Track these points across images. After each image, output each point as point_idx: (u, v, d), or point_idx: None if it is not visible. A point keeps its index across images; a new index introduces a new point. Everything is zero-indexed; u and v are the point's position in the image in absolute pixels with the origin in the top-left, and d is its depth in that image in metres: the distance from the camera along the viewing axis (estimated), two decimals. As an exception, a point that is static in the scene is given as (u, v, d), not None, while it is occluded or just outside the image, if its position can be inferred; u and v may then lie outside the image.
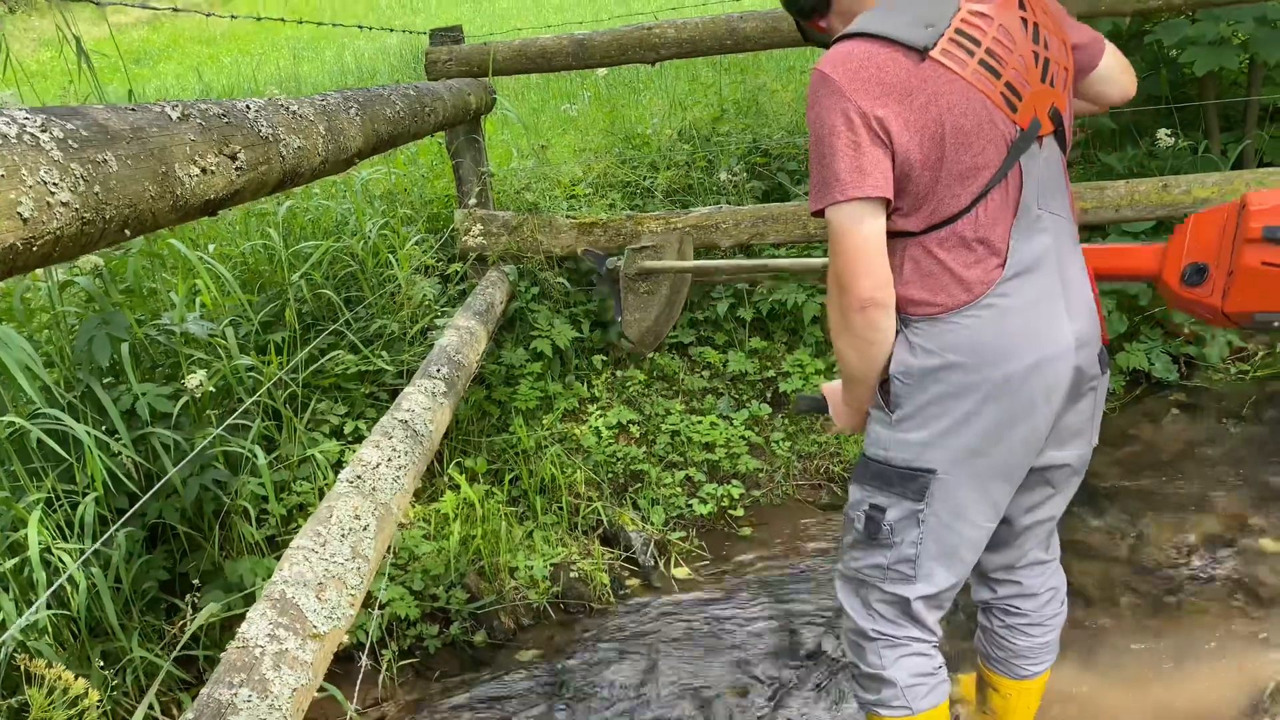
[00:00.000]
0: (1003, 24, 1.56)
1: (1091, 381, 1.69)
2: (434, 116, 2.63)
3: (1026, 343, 1.59)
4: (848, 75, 1.52)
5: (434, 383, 2.32)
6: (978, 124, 1.54)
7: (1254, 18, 3.68)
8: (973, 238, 1.58)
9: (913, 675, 1.80)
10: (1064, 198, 1.67)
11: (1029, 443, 1.64)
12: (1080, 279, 1.69)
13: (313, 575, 1.35)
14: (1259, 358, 3.86)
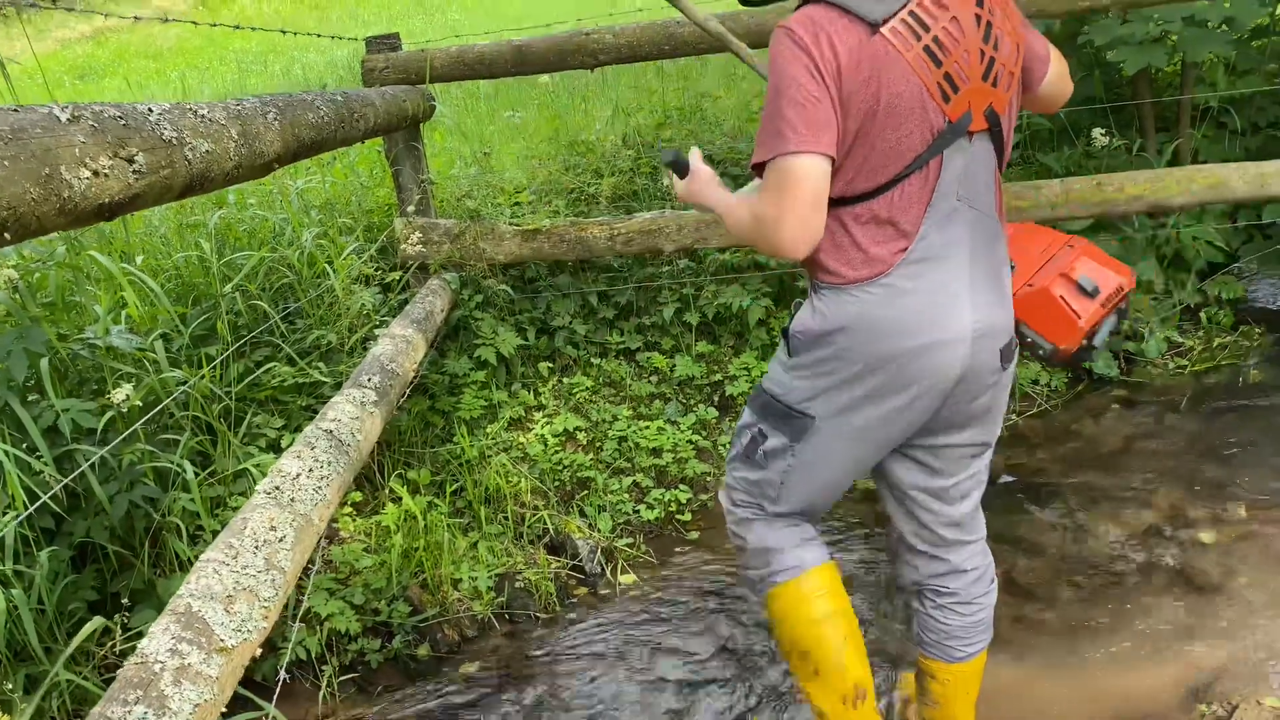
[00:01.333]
0: (956, 16, 1.60)
1: (993, 374, 1.75)
2: (364, 123, 2.60)
3: (919, 325, 1.66)
4: (810, 35, 1.56)
5: (363, 392, 2.28)
6: (909, 107, 1.59)
7: (1182, 18, 3.75)
8: (885, 217, 1.65)
9: (795, 538, 1.94)
10: (990, 195, 1.72)
11: (906, 418, 1.74)
12: (996, 275, 1.74)
13: (222, 588, 1.31)
14: (1196, 353, 3.92)
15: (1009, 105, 1.70)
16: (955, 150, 1.64)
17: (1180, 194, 3.27)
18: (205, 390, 2.57)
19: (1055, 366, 1.93)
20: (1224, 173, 3.26)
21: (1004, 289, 1.77)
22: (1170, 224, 3.90)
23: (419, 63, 3.41)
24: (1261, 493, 3.01)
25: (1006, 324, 1.76)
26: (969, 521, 1.97)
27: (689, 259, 3.94)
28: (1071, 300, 1.91)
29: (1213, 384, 3.73)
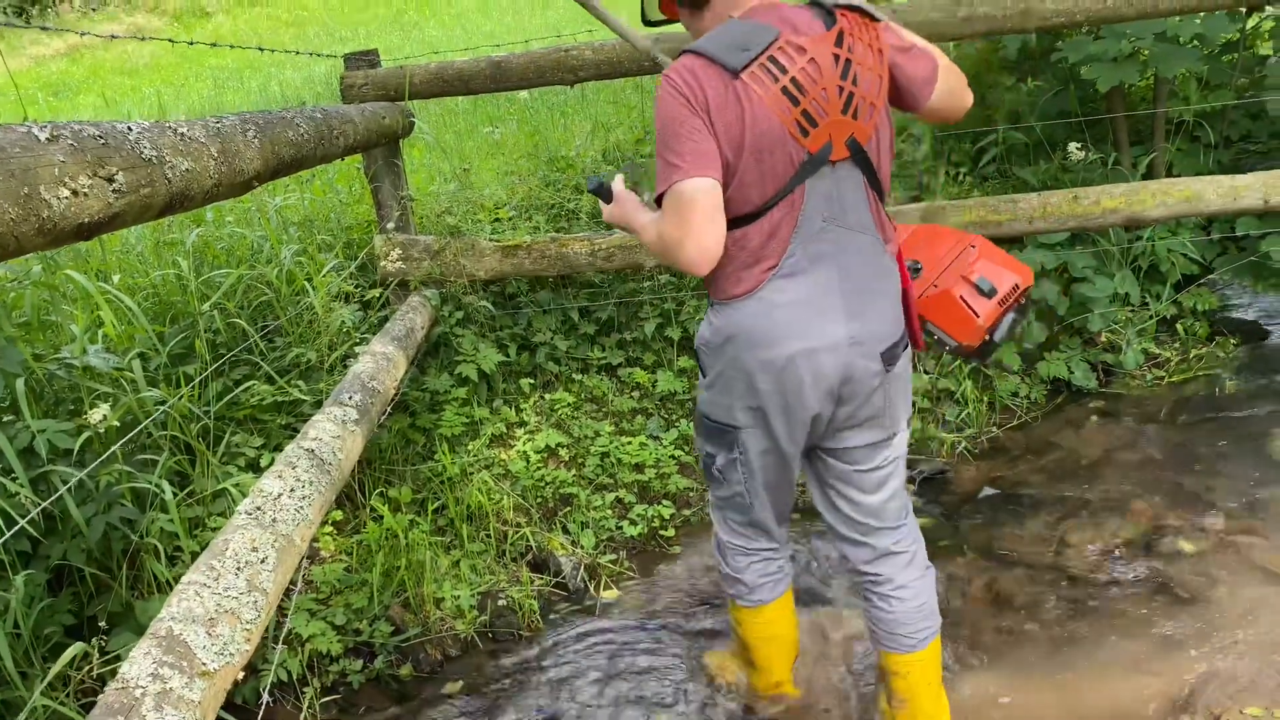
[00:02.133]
0: (815, 58, 1.79)
1: (876, 376, 1.93)
2: (343, 139, 2.59)
3: (790, 334, 1.87)
4: (689, 83, 1.77)
5: (345, 410, 2.27)
6: (772, 142, 1.79)
7: (1154, 34, 3.80)
8: (757, 239, 1.86)
9: (760, 576, 2.28)
10: (862, 214, 1.90)
11: (802, 416, 1.94)
12: (873, 286, 1.92)
13: (203, 610, 1.29)
14: (1173, 364, 3.96)
15: (873, 133, 1.86)
16: (819, 178, 1.84)
17: (1155, 207, 3.30)
18: (184, 410, 2.55)
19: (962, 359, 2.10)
20: (1198, 186, 3.30)
21: (883, 299, 1.94)
22: (1146, 236, 3.94)
23: (398, 79, 3.41)
24: (1239, 503, 3.03)
25: (885, 331, 1.93)
26: (890, 508, 2.13)
27: (670, 275, 3.94)
28: (971, 300, 2.05)
29: (1190, 395, 3.76)
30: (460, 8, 15.98)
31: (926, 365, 3.77)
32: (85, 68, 15.15)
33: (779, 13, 1.85)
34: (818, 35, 1.80)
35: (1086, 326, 3.89)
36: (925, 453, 3.53)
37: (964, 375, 3.69)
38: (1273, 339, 4.21)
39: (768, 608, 2.31)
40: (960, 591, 2.78)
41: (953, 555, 2.95)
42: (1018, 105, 4.38)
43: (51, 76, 14.47)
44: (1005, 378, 3.75)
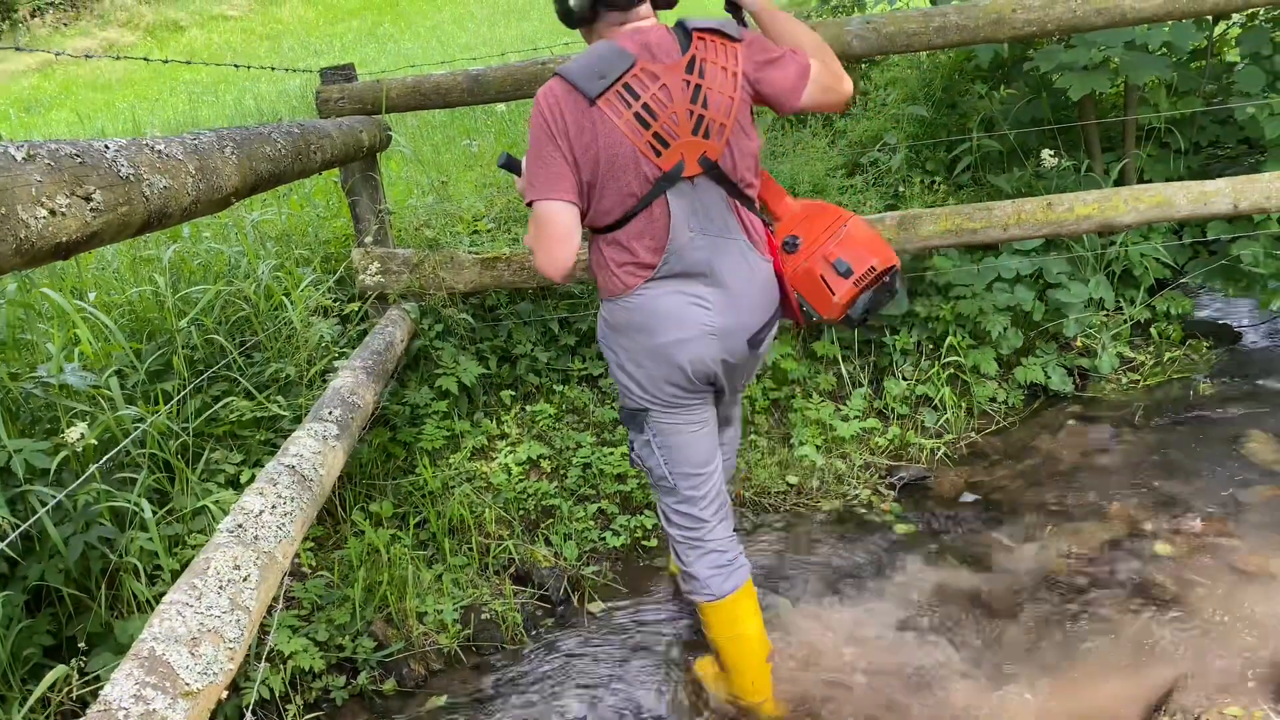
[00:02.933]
0: (666, 84, 2.01)
1: (743, 358, 2.25)
2: (321, 154, 2.59)
3: (667, 326, 2.15)
4: (550, 107, 2.02)
5: (325, 426, 2.26)
6: (625, 162, 2.02)
7: (1123, 42, 3.85)
8: (625, 245, 2.12)
9: (710, 569, 2.37)
10: (727, 222, 2.13)
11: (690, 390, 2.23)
12: (742, 286, 2.16)
13: (186, 630, 1.28)
14: (1147, 367, 4.00)
15: (724, 150, 2.07)
16: (677, 193, 2.07)
17: (1128, 213, 3.34)
18: (162, 427, 2.53)
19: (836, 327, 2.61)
20: (1169, 192, 3.34)
21: (751, 295, 2.19)
22: (1119, 242, 3.99)
23: (374, 93, 3.41)
24: (1215, 505, 3.07)
25: (753, 321, 2.21)
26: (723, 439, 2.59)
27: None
28: (829, 280, 2.24)
29: (1164, 397, 3.81)
30: (436, 20, 15.98)
31: (904, 372, 3.80)
32: (58, 83, 15.04)
33: (642, 37, 2.04)
34: (671, 63, 2.02)
35: (1062, 332, 3.93)
36: (906, 459, 3.56)
37: (942, 381, 3.72)
38: (1245, 341, 4.27)
39: (725, 602, 2.38)
40: (941, 597, 2.80)
41: (933, 561, 2.97)
42: (991, 113, 4.43)
43: (23, 92, 14.36)
44: (983, 383, 3.79)
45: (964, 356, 3.75)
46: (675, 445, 2.29)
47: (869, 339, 3.92)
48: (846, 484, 3.42)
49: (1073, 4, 3.19)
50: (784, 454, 3.54)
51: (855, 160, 4.45)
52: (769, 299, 2.25)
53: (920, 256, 3.90)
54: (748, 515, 3.35)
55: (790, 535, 3.19)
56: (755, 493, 3.41)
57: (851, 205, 4.05)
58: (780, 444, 3.61)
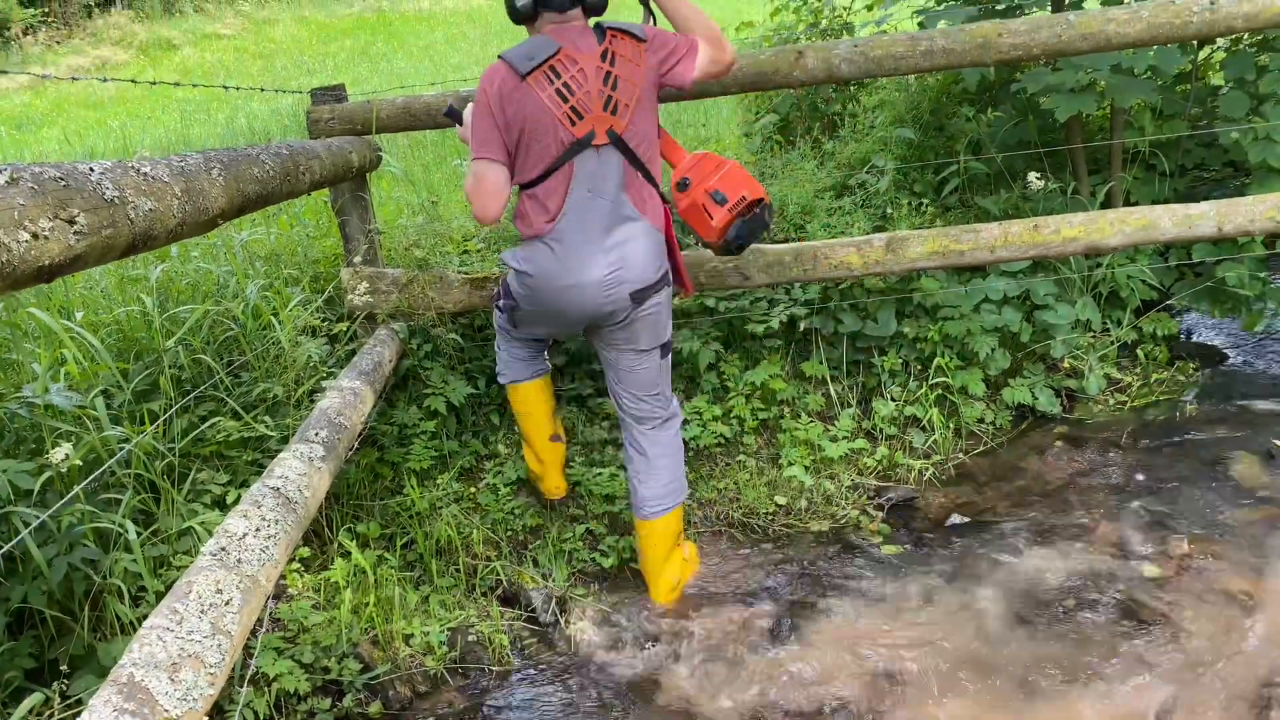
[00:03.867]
0: (584, 69, 2.54)
1: (627, 310, 2.69)
2: (309, 175, 2.59)
3: (562, 272, 2.64)
4: (489, 82, 2.57)
5: (311, 447, 2.25)
6: (545, 128, 2.55)
7: (1109, 65, 3.88)
8: (540, 199, 2.64)
9: (510, 358, 3.13)
10: (621, 190, 2.62)
11: (565, 323, 2.80)
12: (627, 245, 2.63)
13: (166, 655, 1.28)
14: (1135, 389, 4.02)
15: (629, 126, 2.59)
16: (584, 158, 2.58)
17: (1114, 235, 3.36)
18: (148, 447, 2.52)
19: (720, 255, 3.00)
20: (1154, 215, 3.36)
21: (635, 254, 2.63)
22: (1105, 264, 4.01)
23: (365, 114, 3.42)
24: (1202, 526, 3.08)
25: (635, 277, 2.64)
26: (646, 405, 2.92)
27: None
28: (708, 207, 2.76)
29: (1151, 419, 3.82)
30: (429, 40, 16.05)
31: (892, 393, 3.81)
32: (49, 100, 15.04)
33: (569, 34, 2.57)
34: (590, 52, 2.55)
35: (1049, 353, 3.94)
36: (894, 480, 3.56)
37: (930, 402, 3.73)
38: (1231, 362, 4.29)
39: (520, 386, 3.16)
40: (927, 618, 2.80)
41: (920, 582, 2.97)
42: (978, 135, 4.46)
43: (14, 109, 14.35)
44: (971, 404, 3.80)
45: (952, 377, 3.76)
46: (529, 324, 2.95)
47: (857, 359, 3.93)
48: (835, 504, 3.42)
49: (1058, 29, 3.22)
50: (773, 475, 3.54)
51: (844, 182, 4.47)
52: (654, 263, 2.68)
53: (908, 278, 3.91)
54: (736, 535, 3.35)
55: (779, 555, 3.19)
56: (744, 513, 3.40)
57: (839, 227, 4.07)
58: (769, 464, 3.61)
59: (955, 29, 3.26)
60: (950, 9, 4.07)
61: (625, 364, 2.85)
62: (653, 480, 2.92)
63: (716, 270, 3.47)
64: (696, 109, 6.67)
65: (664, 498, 2.93)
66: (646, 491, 2.93)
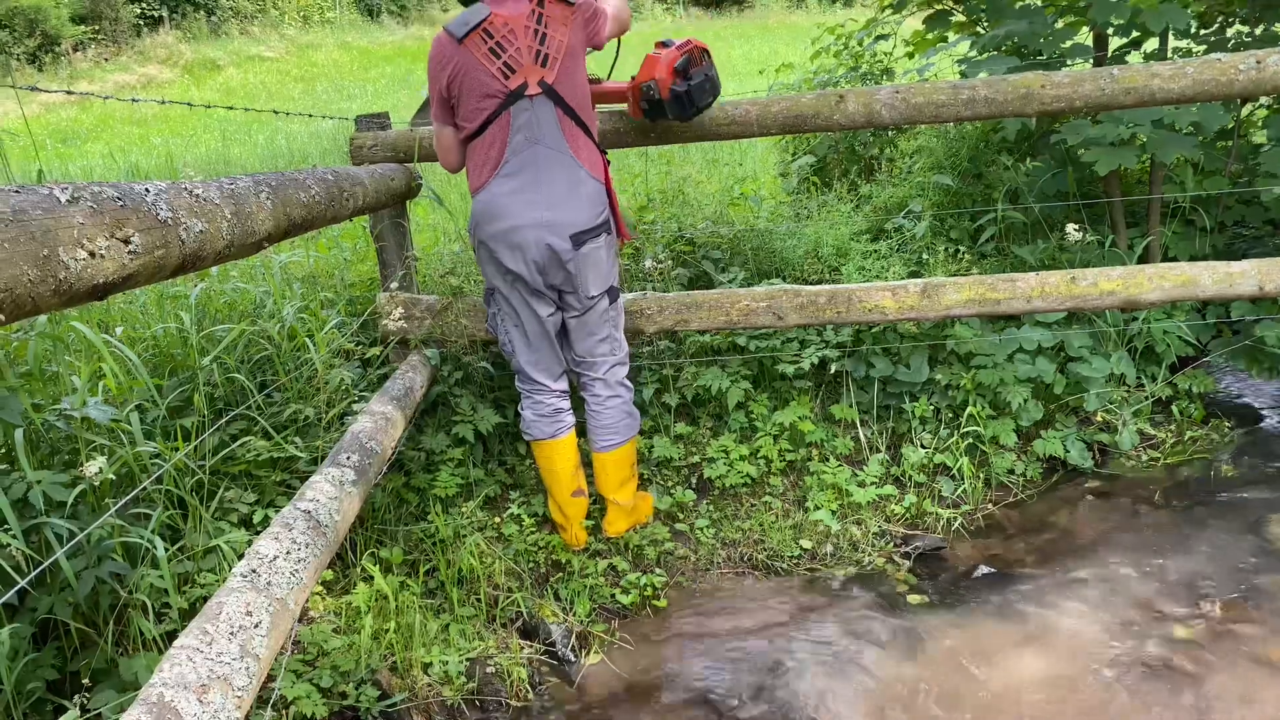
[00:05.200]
0: (513, 28, 2.84)
1: (569, 253, 2.92)
2: (353, 201, 2.62)
3: (504, 215, 2.90)
4: (435, 49, 2.90)
5: (343, 471, 2.26)
6: (481, 84, 2.85)
7: (1151, 120, 3.87)
8: (482, 149, 2.92)
9: (534, 415, 3.23)
10: (556, 137, 2.89)
11: (521, 273, 2.96)
12: (565, 189, 2.89)
13: (195, 676, 1.27)
14: (1168, 445, 3.97)
15: (559, 78, 2.86)
16: (519, 108, 2.86)
17: (1152, 290, 3.34)
18: (180, 463, 2.53)
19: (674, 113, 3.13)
20: (1194, 271, 3.33)
21: (573, 199, 2.89)
22: (1142, 318, 3.97)
23: (407, 142, 3.46)
24: (1235, 590, 3.02)
25: (572, 220, 2.89)
26: (595, 353, 3.18)
27: (669, 340, 3.96)
28: (660, 53, 3.09)
29: (1185, 477, 3.76)
30: (468, 69, 16.18)
31: (922, 440, 3.78)
32: (95, 116, 15.33)
33: (504, 2, 2.86)
34: (519, 14, 2.84)
35: (1082, 405, 3.90)
36: (922, 528, 3.52)
37: (960, 451, 3.70)
38: (1266, 423, 4.23)
39: (543, 444, 3.23)
40: (954, 668, 2.75)
41: (948, 633, 2.93)
42: (1016, 185, 4.45)
43: (61, 123, 14.64)
44: (1002, 454, 3.76)
45: (983, 426, 3.73)
46: (516, 322, 3.09)
47: (888, 404, 3.91)
48: (861, 551, 3.39)
49: (1101, 82, 3.22)
50: (799, 517, 3.51)
51: (880, 226, 4.47)
52: (591, 209, 2.93)
53: (941, 324, 3.89)
54: (760, 577, 3.32)
55: (804, 600, 3.16)
56: (768, 555, 3.38)
57: (875, 270, 4.06)
58: (795, 507, 3.58)
59: (998, 79, 3.26)
60: (992, 59, 4.07)
61: (579, 310, 3.07)
62: (603, 417, 3.21)
63: (749, 309, 3.47)
64: (734, 149, 6.71)
65: (615, 434, 3.23)
66: (597, 427, 3.23)
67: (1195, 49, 4.70)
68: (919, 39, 4.89)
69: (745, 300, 3.46)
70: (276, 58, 20.81)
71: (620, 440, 3.25)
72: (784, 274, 4.24)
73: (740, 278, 4.12)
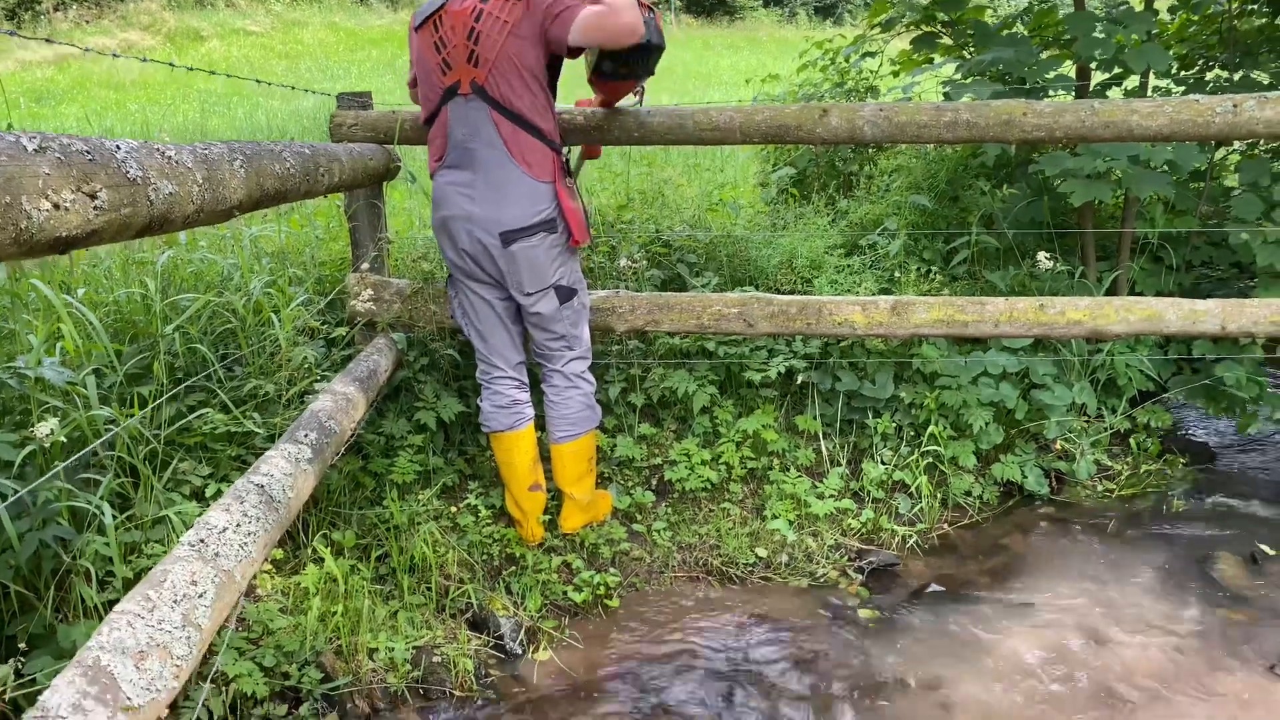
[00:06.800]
0: (454, 25, 2.85)
1: (498, 249, 2.93)
2: (329, 178, 2.59)
3: (442, 204, 2.98)
4: (410, 34, 3.03)
5: (299, 448, 2.23)
6: (428, 74, 2.93)
7: (1128, 156, 3.92)
8: (432, 139, 3.01)
9: (491, 407, 3.22)
10: (490, 136, 2.87)
11: (455, 260, 3.05)
12: (497, 188, 2.88)
13: (134, 642, 1.25)
14: (1123, 477, 4.01)
15: (489, 79, 2.82)
16: (455, 105, 2.90)
17: (1118, 323, 3.38)
18: (134, 431, 2.49)
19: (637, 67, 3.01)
20: (1160, 306, 3.38)
21: (507, 197, 2.88)
22: (1106, 350, 4.02)
23: (389, 123, 3.43)
24: (1181, 622, 3.06)
25: (503, 218, 2.89)
26: (550, 348, 3.18)
27: (639, 340, 3.96)
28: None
29: (1138, 509, 3.81)
30: (455, 58, 16.09)
31: (883, 456, 3.80)
32: (71, 77, 15.09)
33: None
34: (462, 9, 2.82)
35: (1042, 432, 3.94)
36: (877, 543, 3.54)
37: (920, 470, 3.72)
38: (1220, 462, 4.30)
39: (501, 435, 3.22)
40: (901, 688, 2.76)
41: (896, 651, 2.94)
42: (991, 210, 4.49)
43: (37, 83, 14.39)
44: (960, 475, 3.78)
45: (944, 446, 3.75)
46: (468, 308, 3.15)
47: (851, 418, 3.93)
48: (815, 562, 3.40)
49: (1081, 114, 3.25)
50: (756, 525, 3.51)
51: (854, 241, 4.49)
52: (523, 208, 2.89)
53: (909, 343, 3.92)
54: (714, 583, 3.32)
55: (757, 609, 3.16)
56: (723, 561, 3.38)
57: (846, 285, 4.08)
58: (753, 515, 3.59)
59: (981, 104, 3.29)
60: (977, 83, 4.11)
61: (524, 305, 3.07)
62: (561, 408, 3.20)
63: (721, 314, 3.47)
64: (716, 157, 6.73)
65: (572, 426, 3.21)
66: (555, 418, 3.21)
67: (1175, 89, 4.77)
68: (905, 59, 4.92)
69: (718, 305, 3.47)
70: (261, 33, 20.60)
71: (578, 432, 3.23)
72: (757, 282, 4.24)
73: (714, 283, 4.13)
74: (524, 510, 3.27)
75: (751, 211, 4.93)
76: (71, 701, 1.12)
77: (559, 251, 3.01)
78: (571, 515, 3.33)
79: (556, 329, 3.14)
